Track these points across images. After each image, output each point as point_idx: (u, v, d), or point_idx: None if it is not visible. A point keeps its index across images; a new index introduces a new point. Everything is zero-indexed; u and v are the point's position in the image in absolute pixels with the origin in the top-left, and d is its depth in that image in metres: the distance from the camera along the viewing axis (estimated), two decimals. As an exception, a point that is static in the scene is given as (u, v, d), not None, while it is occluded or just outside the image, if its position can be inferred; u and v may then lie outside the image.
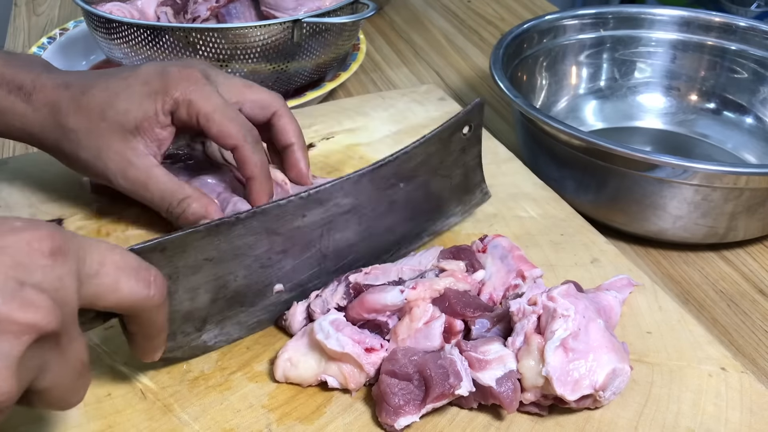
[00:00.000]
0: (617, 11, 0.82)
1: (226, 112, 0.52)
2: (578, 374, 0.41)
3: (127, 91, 0.52)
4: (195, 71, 0.53)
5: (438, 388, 0.41)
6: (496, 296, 0.49)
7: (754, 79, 0.78)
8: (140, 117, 0.52)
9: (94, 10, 0.76)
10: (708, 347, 0.48)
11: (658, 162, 0.57)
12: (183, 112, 0.52)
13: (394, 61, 1.03)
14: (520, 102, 0.64)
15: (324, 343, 0.44)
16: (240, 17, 0.82)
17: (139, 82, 0.52)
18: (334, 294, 0.48)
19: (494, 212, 0.61)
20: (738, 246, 0.66)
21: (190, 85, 0.52)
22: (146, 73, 0.53)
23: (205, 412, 0.43)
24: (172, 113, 0.52)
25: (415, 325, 0.45)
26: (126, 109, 0.52)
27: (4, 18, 1.18)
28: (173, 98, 0.52)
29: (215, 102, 0.52)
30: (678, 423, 0.43)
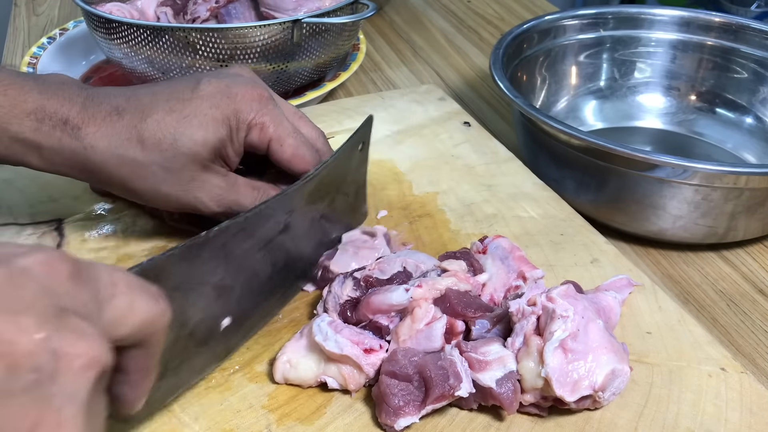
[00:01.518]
0: (617, 11, 0.82)
1: (298, 137, 0.51)
2: (577, 375, 0.41)
3: (198, 117, 0.48)
4: (263, 91, 0.50)
5: (438, 389, 0.41)
6: (497, 297, 0.49)
7: (754, 79, 0.78)
8: (219, 145, 0.49)
9: (94, 10, 0.76)
10: (708, 347, 0.48)
11: (658, 162, 0.57)
12: (255, 137, 0.50)
13: (394, 61, 1.03)
14: (520, 102, 0.64)
15: (323, 345, 0.44)
16: (240, 17, 0.82)
17: (208, 105, 0.48)
18: (344, 287, 0.48)
19: (494, 212, 0.61)
20: (738, 246, 0.66)
21: (261, 107, 0.50)
22: (211, 95, 0.49)
23: (205, 413, 0.44)
24: (244, 137, 0.50)
25: (417, 326, 0.45)
26: (204, 139, 0.48)
27: (4, 18, 1.18)
28: (247, 122, 0.49)
29: (287, 126, 0.50)
30: (678, 423, 0.43)
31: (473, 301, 0.46)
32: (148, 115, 0.48)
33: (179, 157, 0.48)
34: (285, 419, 0.43)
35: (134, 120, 0.47)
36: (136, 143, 0.47)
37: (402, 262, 0.50)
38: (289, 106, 0.54)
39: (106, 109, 0.48)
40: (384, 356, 0.45)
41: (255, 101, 0.49)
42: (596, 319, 0.43)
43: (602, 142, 0.58)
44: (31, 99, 0.47)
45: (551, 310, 0.43)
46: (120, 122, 0.47)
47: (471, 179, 0.65)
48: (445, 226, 0.60)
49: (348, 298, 0.48)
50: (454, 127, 0.73)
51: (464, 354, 0.43)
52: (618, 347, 0.43)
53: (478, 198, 0.63)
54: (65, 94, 0.48)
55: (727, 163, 0.68)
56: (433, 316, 0.45)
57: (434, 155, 0.69)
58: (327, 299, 0.48)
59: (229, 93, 0.49)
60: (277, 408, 0.44)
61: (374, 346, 0.45)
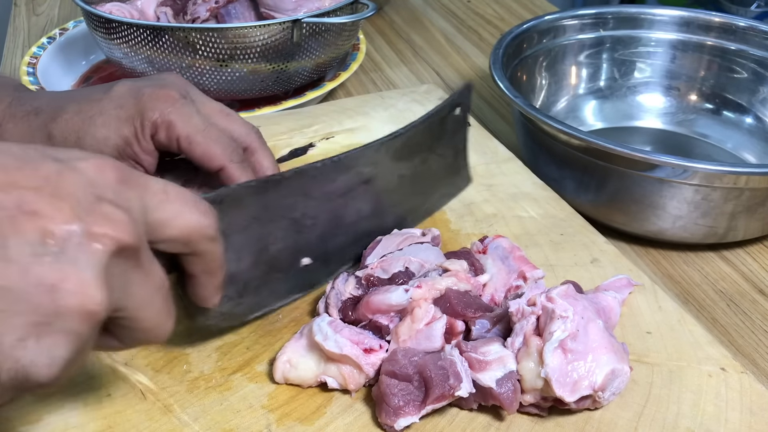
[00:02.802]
0: (617, 11, 0.82)
1: (209, 132, 0.49)
2: (577, 375, 0.41)
3: (102, 116, 0.49)
4: (171, 91, 0.50)
5: (438, 389, 0.41)
6: (498, 297, 0.49)
7: (753, 79, 0.78)
8: (121, 143, 0.49)
9: (94, 10, 0.76)
10: (708, 347, 0.48)
11: (658, 162, 0.57)
12: (162, 135, 0.49)
13: (394, 61, 1.03)
14: (520, 102, 0.64)
15: (322, 345, 0.44)
16: (239, 18, 0.82)
17: (114, 106, 0.49)
18: (347, 284, 0.48)
19: (494, 212, 0.61)
20: (738, 246, 0.66)
21: (167, 106, 0.49)
22: (120, 95, 0.50)
23: (205, 413, 0.44)
24: (152, 136, 0.50)
25: (417, 326, 0.45)
26: (104, 137, 0.49)
27: (4, 18, 1.18)
28: (151, 121, 0.49)
29: (195, 123, 0.49)
30: (678, 423, 0.43)
31: (473, 301, 0.46)
32: (59, 115, 0.49)
33: None
34: (285, 419, 0.43)
35: (46, 119, 0.49)
36: (45, 140, 0.49)
37: (405, 262, 0.50)
38: (216, 105, 0.53)
39: (26, 108, 0.50)
40: (384, 356, 0.45)
41: (161, 100, 0.49)
42: (596, 319, 0.43)
43: (602, 142, 0.58)
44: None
45: (551, 310, 0.43)
46: (35, 121, 0.49)
47: (471, 179, 0.65)
48: (445, 226, 0.60)
49: (350, 296, 0.48)
50: (454, 127, 0.73)
51: (464, 354, 0.43)
52: (618, 347, 0.43)
53: (478, 198, 0.63)
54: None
55: (727, 163, 0.68)
56: (432, 316, 0.45)
57: (434, 155, 0.69)
58: (329, 295, 0.48)
59: (137, 94, 0.49)
60: (277, 408, 0.44)
61: (374, 346, 0.45)
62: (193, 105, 0.51)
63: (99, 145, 0.49)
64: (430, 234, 0.55)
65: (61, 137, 0.49)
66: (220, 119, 0.52)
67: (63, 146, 0.48)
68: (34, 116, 0.50)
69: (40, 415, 0.43)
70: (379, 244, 0.54)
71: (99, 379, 0.46)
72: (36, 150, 0.32)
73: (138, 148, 0.50)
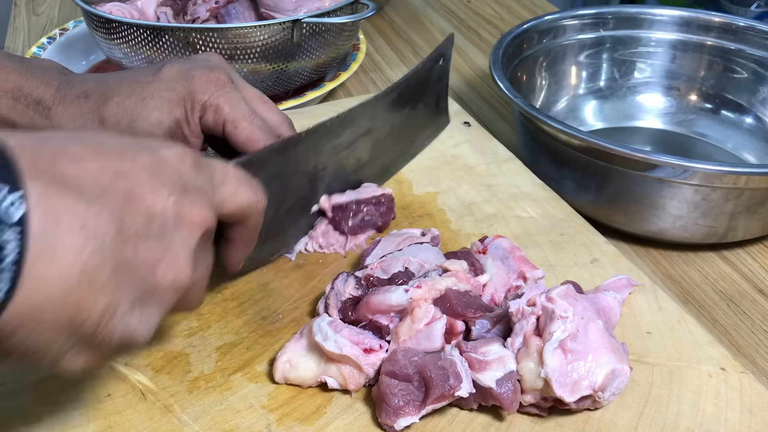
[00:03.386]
0: (617, 11, 0.82)
1: (253, 120, 0.51)
2: (577, 375, 0.41)
3: (154, 99, 0.50)
4: (221, 74, 0.51)
5: (438, 390, 0.41)
6: (498, 297, 0.49)
7: (753, 79, 0.78)
8: (172, 125, 0.50)
9: (94, 10, 0.76)
10: (708, 347, 0.48)
11: (658, 162, 0.57)
12: (210, 118, 0.50)
13: (394, 61, 1.03)
14: (520, 102, 0.64)
15: (322, 345, 0.44)
16: (239, 18, 0.82)
17: (165, 88, 0.50)
18: (346, 285, 0.48)
19: (494, 212, 0.61)
20: (738, 246, 0.66)
21: (217, 89, 0.50)
22: (170, 78, 0.51)
23: (205, 413, 0.44)
24: (200, 118, 0.51)
25: (417, 326, 0.45)
26: (158, 120, 0.50)
27: (4, 18, 1.18)
28: (201, 103, 0.50)
29: (243, 109, 0.51)
30: (678, 423, 0.43)
31: (473, 302, 0.46)
32: (110, 98, 0.50)
33: None
34: (285, 419, 0.43)
35: (98, 102, 0.50)
36: (97, 124, 0.50)
37: (405, 262, 0.50)
38: (254, 92, 0.54)
39: (76, 92, 0.51)
40: (384, 356, 0.45)
41: (211, 83, 0.50)
42: (596, 320, 0.43)
43: (602, 142, 0.58)
44: (11, 79, 0.50)
45: (551, 310, 0.43)
46: (86, 104, 0.50)
47: (471, 179, 0.65)
48: (445, 226, 0.60)
49: (350, 296, 0.48)
50: (454, 127, 0.73)
51: (464, 354, 0.43)
52: (618, 347, 0.43)
53: (478, 198, 0.63)
54: (44, 77, 0.51)
55: (727, 163, 0.68)
56: (433, 316, 0.45)
57: (434, 155, 0.69)
58: (329, 296, 0.48)
59: (186, 76, 0.51)
60: (277, 408, 0.44)
61: (374, 346, 0.45)
62: (238, 90, 0.52)
63: (152, 127, 0.50)
64: (429, 234, 0.55)
65: (113, 120, 0.50)
66: (259, 106, 0.54)
67: (115, 129, 0.50)
68: (84, 99, 0.51)
69: (40, 415, 0.43)
70: (378, 245, 0.54)
71: (99, 379, 0.46)
72: (128, 140, 0.35)
73: (188, 130, 0.51)
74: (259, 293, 0.53)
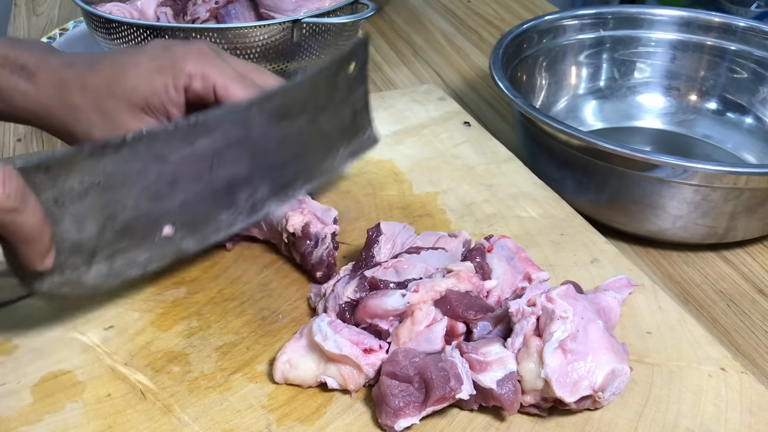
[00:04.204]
0: (617, 11, 0.82)
1: (244, 81, 0.51)
2: (577, 375, 0.41)
3: (136, 67, 0.51)
4: (203, 47, 0.52)
5: (439, 391, 0.41)
6: (504, 299, 0.49)
7: (754, 79, 0.78)
8: (149, 93, 0.51)
9: (94, 10, 0.76)
10: (708, 347, 0.48)
11: (658, 162, 0.57)
12: (198, 85, 0.50)
13: (394, 61, 1.03)
14: (520, 102, 0.64)
15: (322, 345, 0.44)
16: (239, 18, 0.82)
17: (147, 58, 0.51)
18: (347, 287, 0.48)
19: (494, 212, 0.61)
20: (738, 246, 0.66)
21: (200, 57, 0.51)
22: (154, 49, 0.52)
23: (205, 413, 0.44)
24: (185, 88, 0.51)
25: (417, 329, 0.45)
26: (134, 85, 0.50)
27: (4, 18, 1.18)
28: (186, 72, 0.50)
29: (231, 72, 0.51)
30: (678, 423, 0.43)
31: (474, 303, 0.46)
32: (94, 66, 0.52)
33: (112, 102, 0.51)
34: (285, 419, 0.43)
35: (82, 69, 0.52)
36: (79, 89, 0.51)
37: (424, 270, 0.48)
38: (248, 64, 0.55)
39: (60, 61, 0.52)
40: (383, 356, 0.45)
41: (194, 53, 0.51)
42: (596, 320, 0.43)
43: (602, 142, 0.58)
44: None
45: (551, 310, 0.43)
46: (69, 71, 0.52)
47: (471, 179, 0.65)
48: (445, 226, 0.60)
49: (348, 300, 0.48)
50: (454, 127, 0.73)
51: (465, 355, 0.43)
52: (618, 347, 0.43)
53: (478, 198, 0.63)
54: (30, 48, 0.53)
55: (727, 163, 0.68)
56: (433, 318, 0.45)
57: (434, 155, 0.69)
58: (329, 298, 0.48)
59: (169, 48, 0.52)
60: (277, 408, 0.44)
61: (374, 346, 0.45)
62: (224, 61, 0.52)
63: (128, 92, 0.50)
64: (461, 237, 0.52)
65: (93, 86, 0.51)
66: (254, 74, 0.53)
67: (94, 93, 0.51)
68: (68, 67, 0.52)
69: (40, 415, 0.43)
70: (382, 235, 0.52)
71: (99, 379, 0.46)
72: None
73: (166, 97, 0.51)
74: (259, 293, 0.53)
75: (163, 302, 0.52)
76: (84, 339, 0.48)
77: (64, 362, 0.47)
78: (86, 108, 0.51)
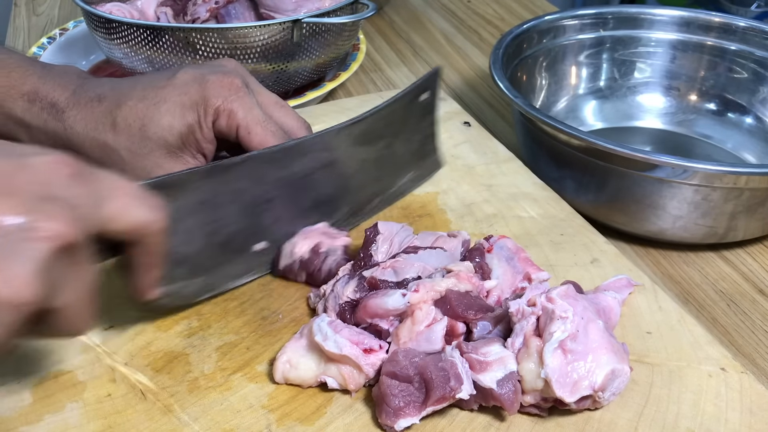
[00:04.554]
0: (617, 11, 0.82)
1: (267, 125, 0.51)
2: (577, 375, 0.41)
3: (167, 103, 0.50)
4: (236, 79, 0.51)
5: (439, 391, 0.41)
6: (504, 299, 0.49)
7: (754, 79, 0.78)
8: (185, 130, 0.50)
9: (94, 10, 0.76)
10: (708, 347, 0.48)
11: (658, 162, 0.57)
12: (223, 123, 0.50)
13: (394, 61, 1.03)
14: (520, 102, 0.64)
15: (322, 345, 0.44)
16: (239, 18, 0.82)
17: (178, 93, 0.50)
18: (346, 287, 0.48)
19: (494, 212, 0.61)
20: (738, 246, 0.66)
21: (231, 94, 0.50)
22: (184, 82, 0.51)
23: (205, 413, 0.44)
24: (212, 123, 0.51)
25: (417, 328, 0.45)
26: (170, 124, 0.50)
27: (4, 18, 1.18)
28: (214, 108, 0.50)
29: (256, 114, 0.51)
30: (678, 423, 0.43)
31: (474, 303, 0.46)
32: (124, 102, 0.50)
33: (146, 143, 0.50)
34: (285, 419, 0.43)
35: (111, 106, 0.50)
36: (109, 128, 0.50)
37: (421, 269, 0.49)
38: (272, 97, 0.54)
39: (90, 96, 0.51)
40: (384, 356, 0.45)
41: (225, 88, 0.50)
42: (596, 320, 0.43)
43: (602, 142, 0.58)
44: (29, 82, 0.52)
45: (550, 310, 0.43)
46: (99, 108, 0.51)
47: (471, 179, 0.65)
48: (445, 226, 0.60)
49: (348, 299, 0.47)
50: (454, 127, 0.73)
51: (465, 355, 0.43)
52: (618, 347, 0.43)
53: (478, 198, 0.63)
54: (61, 81, 0.52)
55: (727, 163, 0.68)
56: (433, 318, 0.45)
57: (434, 155, 0.69)
58: (328, 298, 0.48)
59: (201, 81, 0.51)
60: (277, 408, 0.44)
61: (374, 346, 0.45)
62: (253, 95, 0.52)
63: (164, 132, 0.50)
64: (460, 237, 0.53)
65: (125, 124, 0.50)
66: (275, 111, 0.53)
67: (127, 133, 0.50)
68: (97, 103, 0.51)
69: (40, 415, 0.43)
70: (380, 235, 0.52)
71: (99, 379, 0.46)
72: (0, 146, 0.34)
73: (200, 135, 0.51)
74: (259, 293, 0.53)
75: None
76: (84, 339, 0.48)
77: (64, 362, 0.47)
78: (120, 148, 0.51)
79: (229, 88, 0.50)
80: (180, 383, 0.45)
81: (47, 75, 0.52)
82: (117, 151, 0.50)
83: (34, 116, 0.51)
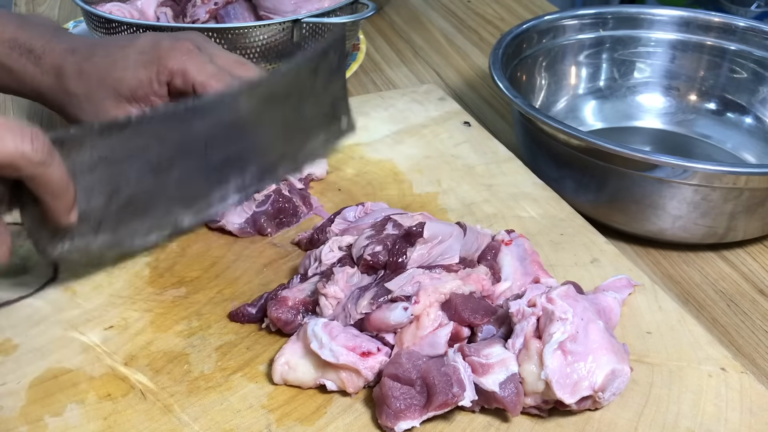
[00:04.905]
0: (617, 11, 0.82)
1: (222, 77, 0.54)
2: (577, 376, 0.41)
3: (125, 60, 0.55)
4: (188, 43, 0.55)
5: (441, 397, 0.41)
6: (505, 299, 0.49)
7: (753, 79, 0.78)
8: (135, 85, 0.55)
9: (94, 10, 0.76)
10: (708, 347, 0.48)
11: (658, 162, 0.57)
12: (179, 82, 0.54)
13: (394, 61, 1.03)
14: (520, 102, 0.64)
15: (318, 353, 0.44)
16: (239, 19, 0.82)
17: (136, 52, 0.55)
18: (358, 303, 0.46)
19: (494, 212, 0.61)
20: (738, 246, 0.66)
21: (182, 55, 0.54)
22: (142, 44, 0.56)
23: (205, 413, 0.44)
24: (167, 83, 0.55)
25: (421, 333, 0.45)
26: (122, 77, 0.55)
27: (4, 18, 1.18)
28: (168, 69, 0.54)
29: (210, 70, 0.54)
30: (678, 423, 0.43)
31: (479, 306, 0.46)
32: (91, 56, 0.56)
33: (101, 91, 0.56)
34: (285, 419, 0.43)
35: (80, 58, 0.56)
36: (75, 76, 0.56)
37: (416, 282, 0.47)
38: (231, 56, 0.58)
39: (64, 47, 0.57)
40: (382, 359, 0.44)
41: (177, 50, 0.55)
42: (596, 320, 0.43)
43: (602, 142, 0.58)
44: (9, 30, 0.57)
45: (550, 311, 0.43)
46: (70, 58, 0.56)
47: (471, 179, 0.65)
48: (445, 226, 0.60)
49: (361, 315, 0.46)
50: (454, 127, 0.73)
51: (467, 359, 0.43)
52: (618, 347, 0.43)
53: (478, 198, 0.63)
54: (38, 31, 0.58)
55: (727, 163, 0.68)
56: (440, 323, 0.45)
57: (434, 155, 0.69)
58: (338, 317, 0.47)
59: (156, 44, 0.56)
60: (277, 408, 0.44)
61: (371, 349, 0.44)
62: (207, 56, 0.56)
63: (116, 84, 0.55)
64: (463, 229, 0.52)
65: (87, 74, 0.56)
66: (235, 68, 0.56)
67: (87, 82, 0.56)
68: (70, 54, 0.56)
69: (40, 415, 0.43)
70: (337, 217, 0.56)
71: (99, 379, 0.46)
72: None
73: (150, 90, 0.55)
74: (259, 293, 0.53)
75: (163, 302, 0.52)
76: (84, 339, 0.49)
77: (64, 362, 0.47)
78: (79, 94, 0.56)
79: (181, 50, 0.55)
80: (180, 383, 0.45)
81: (25, 24, 0.58)
82: (77, 96, 0.56)
83: (15, 61, 0.57)
